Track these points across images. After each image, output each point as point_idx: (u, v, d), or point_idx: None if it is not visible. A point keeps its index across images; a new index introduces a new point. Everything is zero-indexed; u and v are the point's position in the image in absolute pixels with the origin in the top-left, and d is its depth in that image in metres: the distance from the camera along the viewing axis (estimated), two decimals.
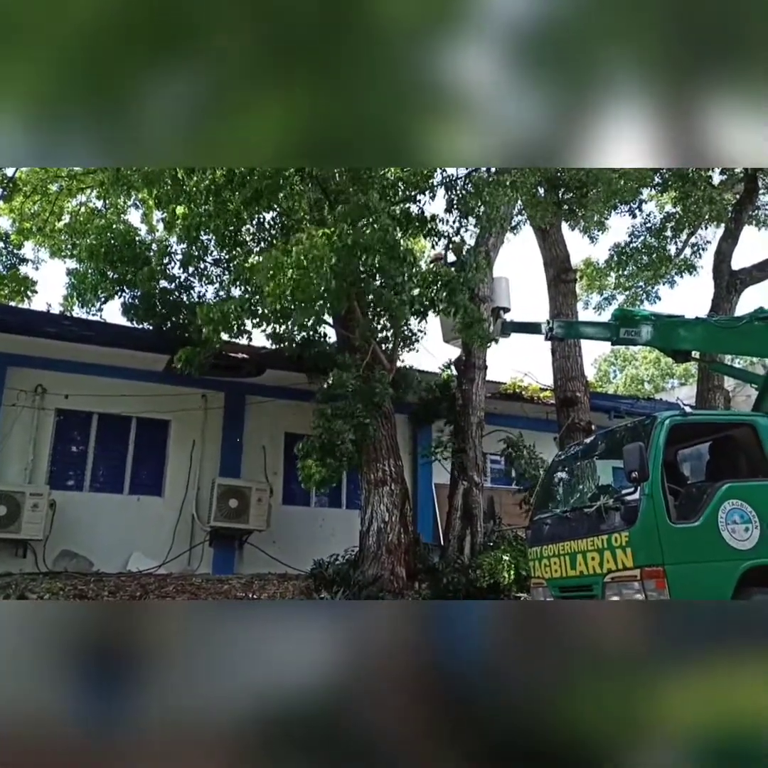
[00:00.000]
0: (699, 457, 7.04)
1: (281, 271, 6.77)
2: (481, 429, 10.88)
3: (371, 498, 9.56)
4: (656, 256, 15.21)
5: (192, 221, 8.36)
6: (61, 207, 14.59)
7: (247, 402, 11.87)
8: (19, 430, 10.24)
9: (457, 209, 9.43)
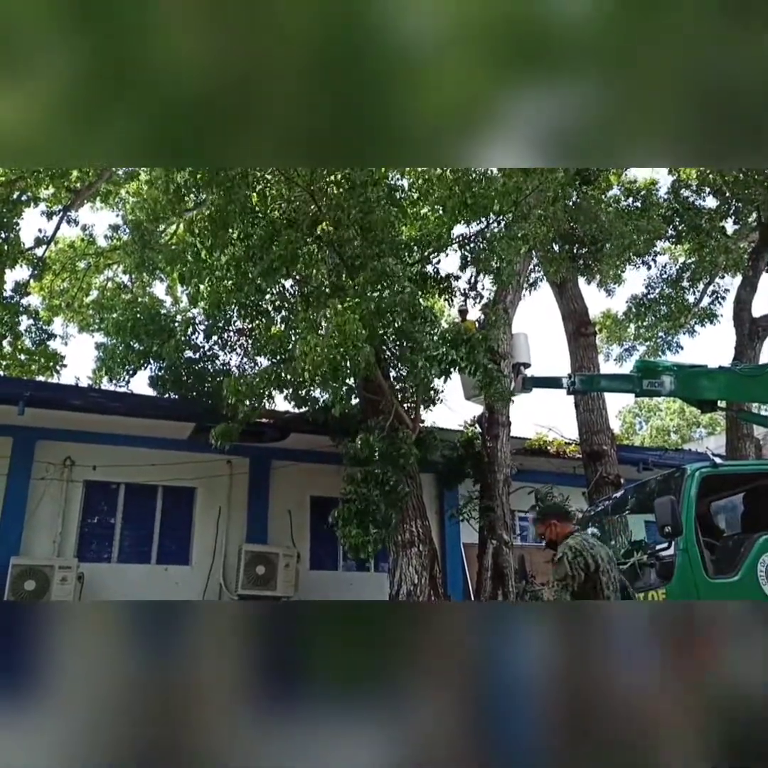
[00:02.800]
0: (733, 508, 6.90)
1: (320, 351, 6.88)
2: (507, 486, 10.76)
3: (399, 560, 9.42)
4: (674, 306, 15.23)
5: (215, 297, 8.59)
6: (89, 283, 15.08)
7: (272, 466, 11.88)
8: (48, 502, 10.32)
9: (471, 265, 9.59)
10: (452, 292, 9.90)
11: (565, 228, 11.13)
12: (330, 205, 8.51)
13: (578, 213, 10.93)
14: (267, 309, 9.99)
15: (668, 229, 13.23)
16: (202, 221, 8.66)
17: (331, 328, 6.94)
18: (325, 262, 9.72)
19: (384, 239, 8.34)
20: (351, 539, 8.22)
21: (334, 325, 6.91)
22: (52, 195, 13.24)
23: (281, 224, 8.27)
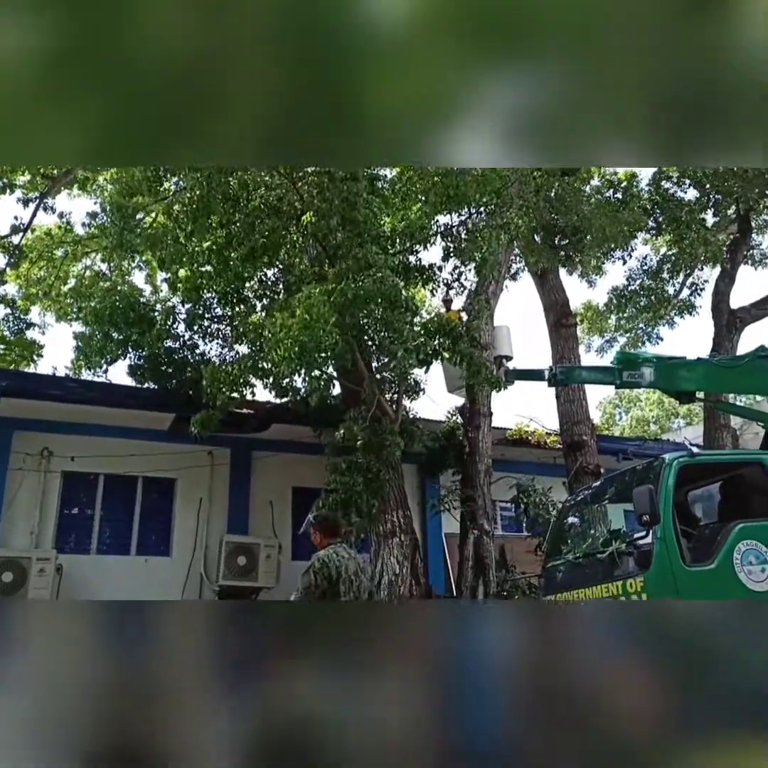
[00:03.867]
0: (710, 497, 6.99)
1: (287, 333, 6.86)
2: (489, 476, 10.82)
3: (381, 550, 9.45)
4: (655, 297, 15.36)
5: (195, 281, 8.51)
6: (66, 271, 14.88)
7: (253, 457, 11.84)
8: (26, 494, 10.21)
9: (454, 256, 9.59)
10: (435, 282, 9.90)
11: (546, 219, 11.16)
12: (312, 195, 8.46)
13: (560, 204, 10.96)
14: (248, 297, 9.92)
15: (649, 221, 13.32)
16: (182, 206, 8.56)
17: (300, 311, 6.91)
18: (307, 251, 9.67)
19: (367, 229, 8.30)
20: None
21: (303, 308, 6.88)
22: (28, 182, 13.04)
23: (263, 212, 8.21)
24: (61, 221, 14.50)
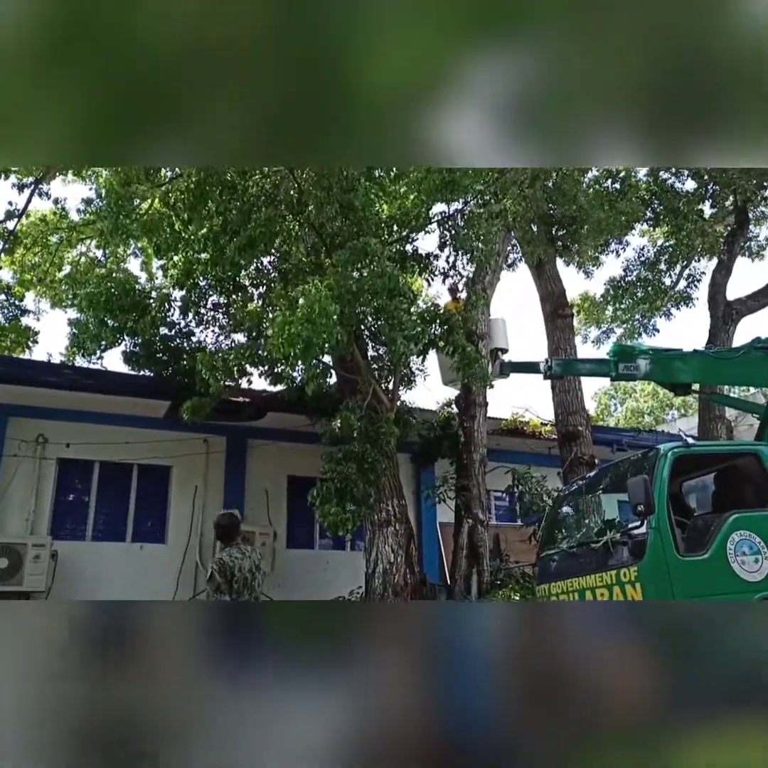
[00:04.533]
0: (704, 488, 7.02)
1: (290, 328, 6.83)
2: (483, 466, 10.84)
3: (376, 539, 9.48)
4: (651, 288, 15.36)
5: (190, 268, 8.47)
6: (62, 258, 14.77)
7: (249, 445, 11.85)
8: (21, 480, 10.20)
9: (451, 245, 9.56)
10: (431, 271, 9.88)
11: (543, 209, 11.12)
12: (310, 183, 8.41)
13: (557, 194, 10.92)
14: (244, 285, 9.88)
15: (646, 212, 13.30)
16: (179, 193, 8.51)
17: (304, 305, 6.88)
18: (304, 240, 9.63)
19: (365, 218, 8.27)
20: (330, 517, 8.24)
21: (308, 302, 6.86)
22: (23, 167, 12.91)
23: (260, 200, 8.16)
24: (56, 207, 14.39)
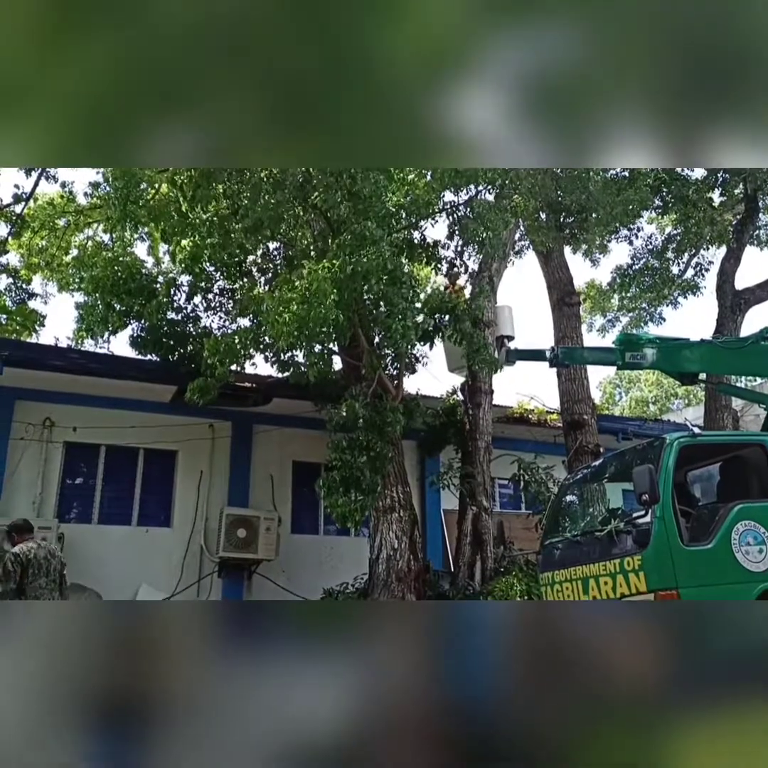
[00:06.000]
0: (709, 478, 7.01)
1: (287, 307, 6.83)
2: (488, 453, 10.86)
3: (380, 525, 9.51)
4: (659, 277, 15.26)
5: (197, 253, 8.46)
6: (69, 241, 14.77)
7: (254, 431, 11.88)
8: (27, 463, 10.26)
9: (458, 235, 9.52)
10: (439, 259, 9.84)
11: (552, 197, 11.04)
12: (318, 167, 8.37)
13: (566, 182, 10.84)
14: (250, 270, 9.87)
15: (655, 200, 13.18)
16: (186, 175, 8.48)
17: (301, 285, 6.87)
18: (310, 225, 9.59)
19: (372, 204, 8.23)
20: (338, 509, 8.25)
21: (304, 283, 6.85)
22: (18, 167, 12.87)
23: (268, 183, 8.13)
24: (63, 191, 14.38)
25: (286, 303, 6.92)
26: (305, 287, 6.87)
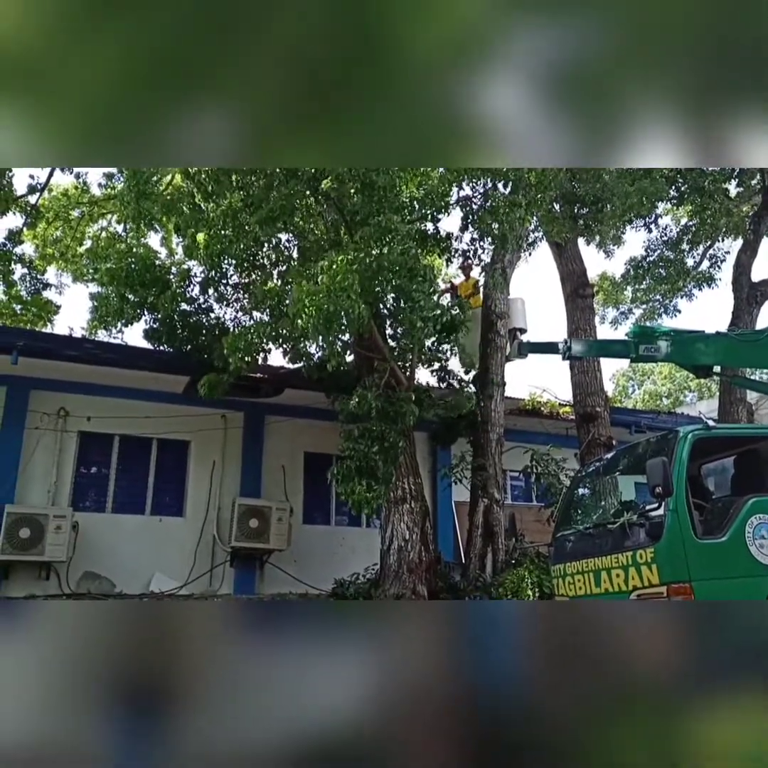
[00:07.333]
0: (723, 471, 6.97)
1: (312, 300, 6.82)
2: (500, 446, 10.84)
3: (391, 516, 9.53)
4: (673, 269, 15.14)
5: (212, 248, 8.47)
6: (83, 232, 14.87)
7: (267, 422, 11.93)
8: (42, 452, 10.36)
9: (473, 228, 9.47)
10: (452, 252, 9.81)
11: (566, 188, 10.96)
12: None
13: (581, 173, 10.76)
14: (264, 263, 9.87)
15: (671, 191, 13.06)
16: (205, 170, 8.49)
17: (325, 279, 6.85)
18: (323, 216, 9.58)
19: (386, 195, 8.20)
20: (355, 496, 8.25)
21: (329, 276, 6.83)
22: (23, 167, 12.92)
23: (282, 173, 8.11)
24: (77, 181, 14.44)
25: (312, 295, 6.90)
26: (330, 279, 6.85)
